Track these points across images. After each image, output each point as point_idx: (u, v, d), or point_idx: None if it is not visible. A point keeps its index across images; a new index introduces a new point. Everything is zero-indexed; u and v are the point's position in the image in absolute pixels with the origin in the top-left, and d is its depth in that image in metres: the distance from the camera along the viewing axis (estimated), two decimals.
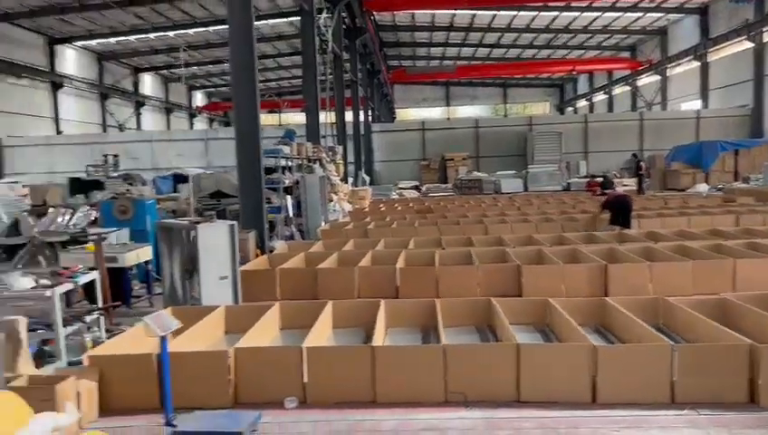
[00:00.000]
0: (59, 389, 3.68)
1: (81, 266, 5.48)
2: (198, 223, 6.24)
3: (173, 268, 7.02)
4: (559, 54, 47.41)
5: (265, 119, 57.30)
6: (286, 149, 12.97)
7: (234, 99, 10.44)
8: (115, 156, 29.16)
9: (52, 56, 38.20)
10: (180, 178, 18.98)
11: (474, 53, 49.35)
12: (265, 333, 5.51)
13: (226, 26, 11.41)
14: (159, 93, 52.68)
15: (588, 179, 26.33)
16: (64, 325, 4.69)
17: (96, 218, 12.00)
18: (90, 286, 5.58)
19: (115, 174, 27.66)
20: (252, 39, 10.18)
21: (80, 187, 17.96)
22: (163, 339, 3.83)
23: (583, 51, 46.08)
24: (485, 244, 9.81)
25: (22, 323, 4.05)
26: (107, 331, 5.66)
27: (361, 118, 31.93)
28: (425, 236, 10.97)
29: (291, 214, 12.87)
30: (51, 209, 11.53)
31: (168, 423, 3.80)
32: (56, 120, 38.85)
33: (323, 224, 13.59)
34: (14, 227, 11.37)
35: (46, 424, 3.20)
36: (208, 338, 5.49)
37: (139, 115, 48.43)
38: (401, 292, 7.48)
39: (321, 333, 5.42)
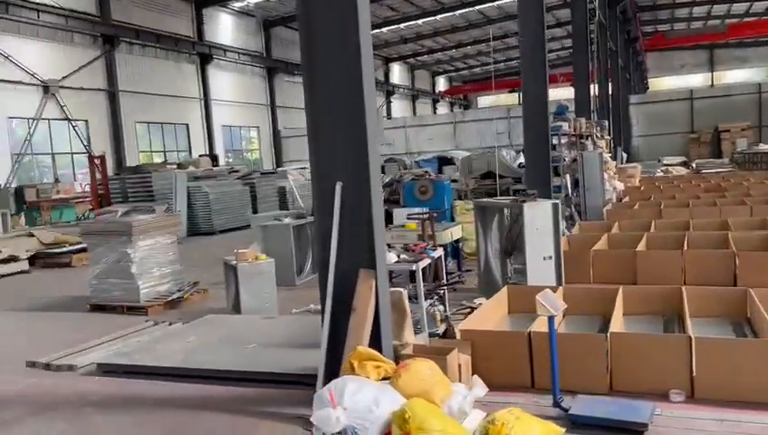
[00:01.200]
0: (450, 360, 3.78)
1: (427, 244, 5.73)
2: (524, 202, 6.13)
3: (488, 247, 7.04)
4: None
5: (506, 99, 56.69)
6: (565, 126, 12.41)
7: (522, 76, 10.24)
8: None
9: None
10: (444, 161, 19.54)
11: (748, 9, 42.64)
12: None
13: (473, 8, 11.24)
14: (406, 81, 55.22)
15: None
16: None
17: (385, 199, 12.80)
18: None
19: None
20: (542, 16, 9.90)
21: None
22: (551, 318, 3.72)
23: None
24: None
25: (405, 294, 4.26)
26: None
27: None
28: (740, 216, 9.58)
29: (570, 193, 12.33)
30: None
31: (558, 405, 3.69)
32: None
33: (609, 205, 12.84)
34: None
35: (466, 395, 3.28)
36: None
37: (389, 103, 51.37)
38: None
39: (617, 320, 4.93)
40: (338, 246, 4.13)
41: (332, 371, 4.00)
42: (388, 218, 8.54)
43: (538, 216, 6.15)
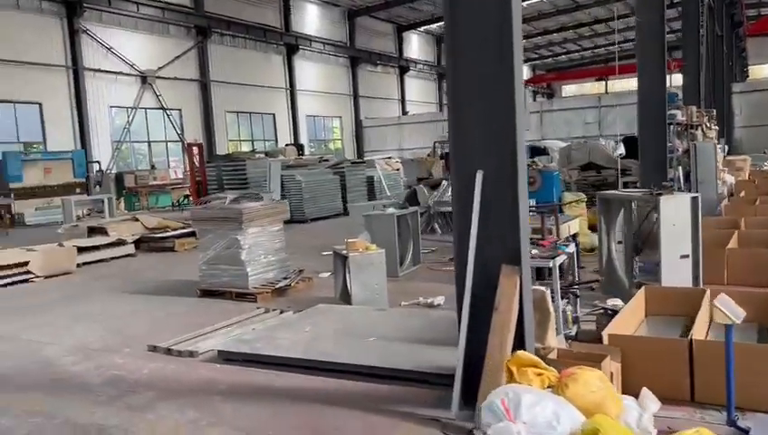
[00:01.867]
0: (604, 368, 3.44)
1: (556, 239, 5.36)
2: (660, 194, 5.63)
3: (610, 242, 6.57)
4: None
5: (591, 87, 54.53)
6: (679, 114, 11.58)
7: (638, 60, 9.59)
8: None
9: (400, 43, 41.92)
10: (537, 151, 18.86)
11: None
12: None
13: None
14: None
15: None
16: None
17: None
18: None
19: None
20: (662, 3, 9.25)
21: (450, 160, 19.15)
22: (729, 327, 3.29)
23: None
24: None
25: (548, 293, 3.93)
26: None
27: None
28: None
29: (682, 186, 11.50)
30: (444, 182, 12.29)
31: (733, 424, 3.27)
32: (402, 101, 42.75)
33: (725, 199, 11.93)
34: (413, 197, 12.46)
35: (641, 412, 2.94)
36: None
37: None
38: None
39: None
40: (477, 239, 3.85)
41: (471, 372, 3.75)
42: None
43: (675, 210, 5.63)
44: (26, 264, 8.89)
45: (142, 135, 26.04)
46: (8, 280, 8.66)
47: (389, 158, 20.98)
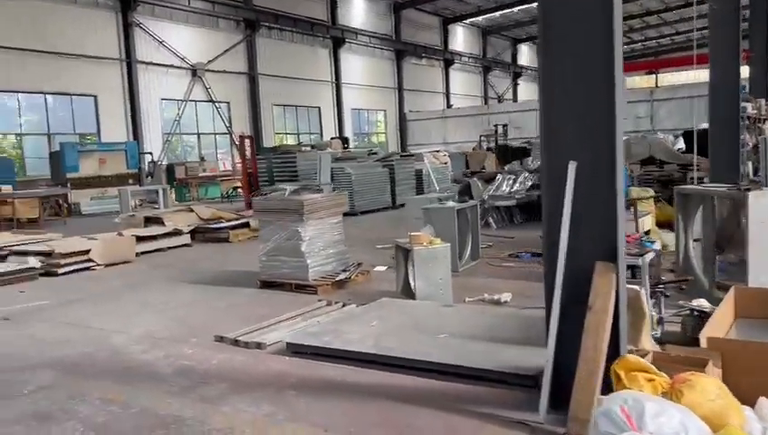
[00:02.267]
0: (707, 373, 3.19)
1: (640, 235, 5.10)
2: (748, 190, 5.30)
3: (688, 239, 6.25)
4: None
5: (639, 81, 52.99)
6: (749, 107, 11.02)
7: (710, 49, 9.13)
8: (504, 126, 30.27)
9: (445, 35, 41.51)
10: None
11: None
12: None
13: None
14: (534, 63, 53.11)
15: None
16: None
17: (534, 184, 12.11)
18: None
19: (499, 143, 28.62)
20: None
21: (504, 154, 18.83)
22: None
23: None
24: None
25: (642, 293, 3.70)
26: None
27: None
28: None
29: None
30: (498, 176, 12.02)
31: None
32: (447, 94, 42.34)
33: None
34: (466, 191, 12.23)
35: (765, 425, 2.70)
36: None
37: (516, 86, 49.74)
38: None
39: None
40: (569, 234, 3.64)
41: (560, 375, 3.55)
42: None
43: (766, 206, 5.29)
44: (88, 252, 9.03)
45: (191, 127, 26.43)
46: (71, 268, 8.81)
47: (437, 151, 20.77)
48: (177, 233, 10.84)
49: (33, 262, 8.72)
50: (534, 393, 3.70)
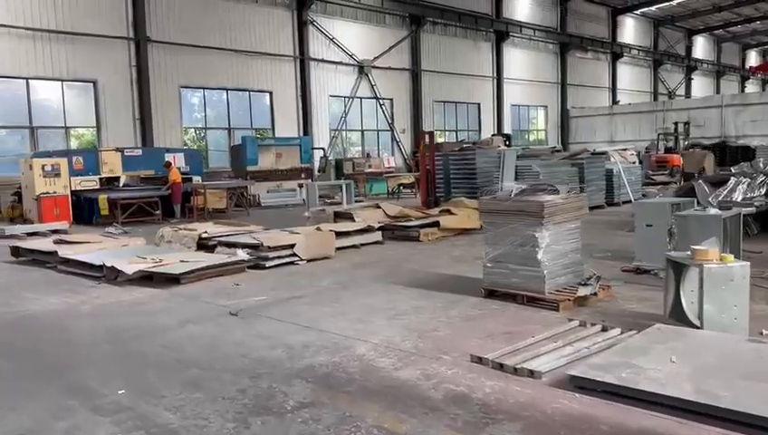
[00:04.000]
0: None
1: None
2: None
3: None
4: None
5: None
6: None
7: None
8: (686, 123, 27.41)
9: (613, 27, 38.81)
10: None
11: None
12: None
13: None
14: (710, 56, 48.30)
15: None
16: None
17: None
18: None
19: (686, 142, 25.90)
20: None
21: (721, 154, 16.82)
22: None
23: None
24: None
25: None
26: None
27: None
28: None
29: None
30: (732, 179, 10.40)
31: None
32: (613, 89, 39.58)
33: None
34: (689, 194, 10.73)
35: None
36: None
37: (689, 81, 45.47)
38: None
39: None
40: None
41: None
42: None
43: None
44: (293, 246, 8.86)
45: (355, 124, 26.65)
46: (277, 261, 8.68)
47: (624, 149, 19.02)
48: (368, 230, 10.47)
49: (242, 254, 8.69)
50: None
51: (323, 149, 23.04)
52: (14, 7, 17.25)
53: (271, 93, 23.28)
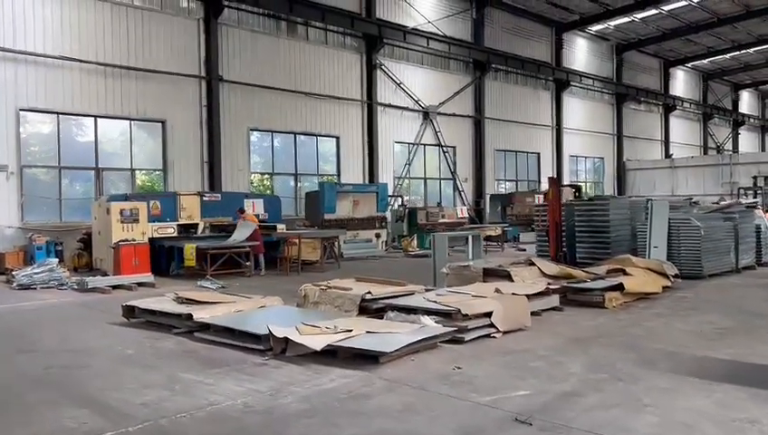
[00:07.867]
0: None
1: None
2: None
3: None
4: None
5: None
6: None
7: None
8: (766, 178, 25.93)
9: (665, 80, 37.97)
10: None
11: None
12: None
13: None
14: (755, 111, 47.45)
15: None
16: None
17: None
18: None
19: None
20: None
21: None
22: None
23: None
24: None
25: None
26: None
27: None
28: None
29: None
30: None
31: None
32: (665, 142, 38.44)
33: None
34: None
35: None
36: None
37: (737, 135, 44.40)
38: None
39: None
40: None
41: None
42: None
43: None
44: (490, 314, 7.08)
45: (416, 171, 25.18)
46: (477, 333, 6.89)
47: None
48: (545, 293, 8.71)
49: (428, 322, 6.92)
50: None
51: (401, 196, 21.47)
52: (86, 41, 15.99)
53: (338, 138, 21.89)
